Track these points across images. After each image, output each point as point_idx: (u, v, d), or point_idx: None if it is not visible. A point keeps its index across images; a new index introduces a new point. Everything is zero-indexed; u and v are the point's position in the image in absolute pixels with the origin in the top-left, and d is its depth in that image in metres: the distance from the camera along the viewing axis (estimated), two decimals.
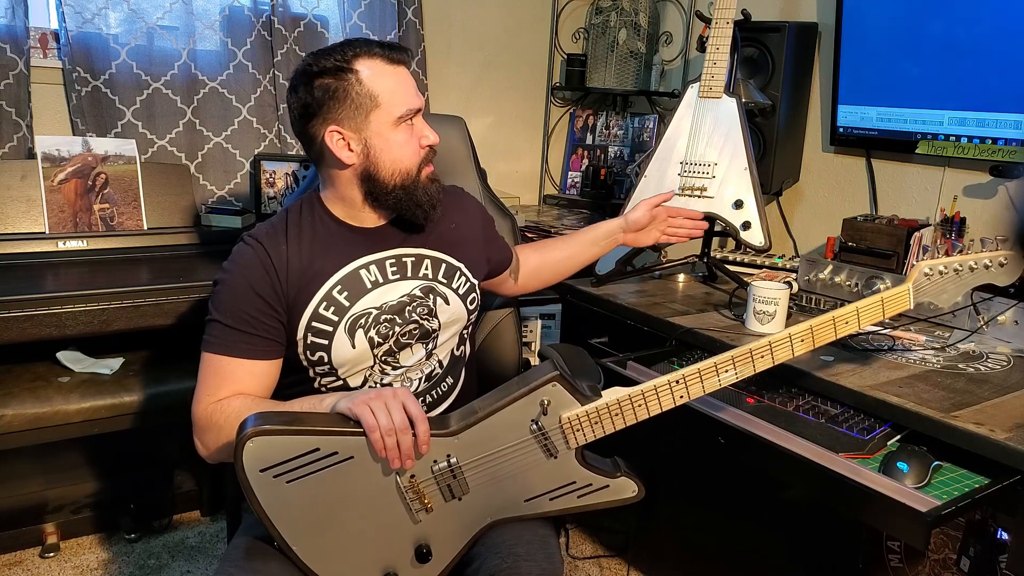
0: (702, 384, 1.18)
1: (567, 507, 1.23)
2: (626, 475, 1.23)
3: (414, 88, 1.28)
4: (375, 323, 1.29)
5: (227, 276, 1.27)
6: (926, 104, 1.98)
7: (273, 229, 1.32)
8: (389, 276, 1.32)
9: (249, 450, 1.09)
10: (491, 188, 1.78)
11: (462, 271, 1.40)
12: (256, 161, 2.42)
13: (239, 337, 1.24)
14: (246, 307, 1.24)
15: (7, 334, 1.69)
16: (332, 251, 1.31)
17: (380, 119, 1.24)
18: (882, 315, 1.26)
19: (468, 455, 1.18)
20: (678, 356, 1.66)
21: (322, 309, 1.27)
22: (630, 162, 2.91)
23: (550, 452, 1.19)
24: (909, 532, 1.11)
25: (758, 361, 1.19)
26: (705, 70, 1.90)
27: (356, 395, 1.14)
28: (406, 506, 1.18)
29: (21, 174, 2.02)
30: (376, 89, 1.23)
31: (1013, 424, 1.21)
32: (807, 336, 1.21)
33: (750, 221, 1.84)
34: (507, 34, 2.93)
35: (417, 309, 1.33)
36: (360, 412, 1.10)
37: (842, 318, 1.23)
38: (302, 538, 1.16)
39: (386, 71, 1.24)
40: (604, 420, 1.18)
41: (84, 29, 2.20)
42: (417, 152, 1.29)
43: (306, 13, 2.50)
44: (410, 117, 1.27)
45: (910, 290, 1.29)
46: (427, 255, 1.36)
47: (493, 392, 1.21)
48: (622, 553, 2.21)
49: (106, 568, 2.07)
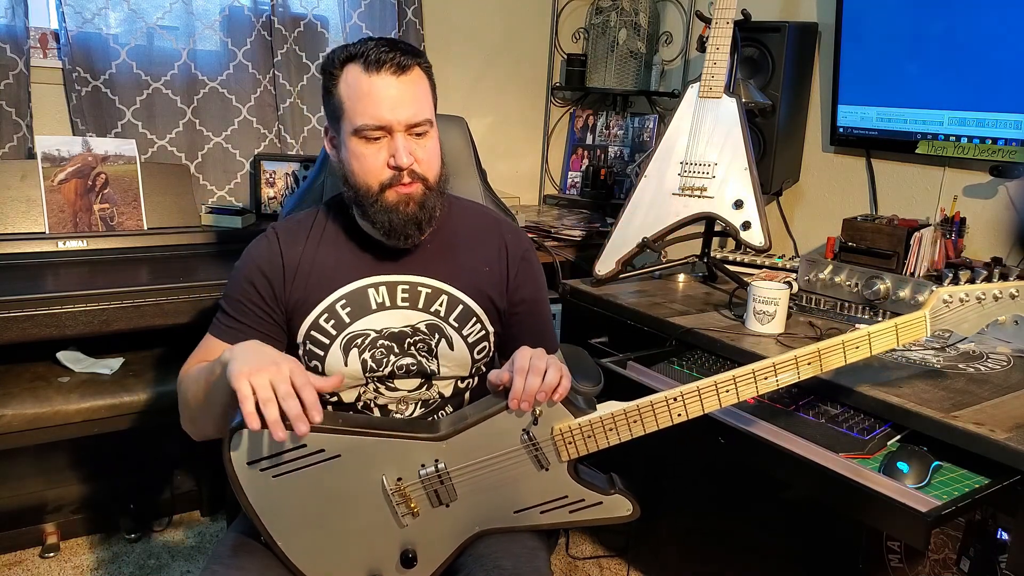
0: (701, 403, 1.14)
1: (559, 521, 1.20)
2: (621, 493, 1.20)
3: (391, 102, 1.16)
4: (371, 346, 1.25)
5: (239, 263, 1.29)
6: (926, 104, 1.98)
7: (298, 225, 1.31)
8: (398, 302, 1.27)
9: (236, 442, 1.09)
10: (492, 188, 1.78)
11: (479, 318, 1.30)
12: (256, 161, 2.42)
13: (230, 323, 1.25)
14: (243, 297, 1.25)
15: (7, 334, 1.68)
16: (346, 262, 1.27)
17: (346, 127, 1.19)
18: (896, 342, 1.22)
19: (456, 461, 1.15)
20: (678, 356, 1.66)
21: (322, 320, 1.25)
22: (630, 162, 2.92)
23: (541, 464, 1.16)
24: (909, 532, 1.11)
25: (761, 383, 1.16)
26: (705, 70, 1.90)
27: (243, 362, 1.02)
28: (392, 509, 1.16)
29: (21, 174, 2.02)
30: (344, 96, 1.18)
31: (1013, 424, 1.21)
32: (814, 360, 1.17)
33: (750, 221, 1.84)
34: (507, 34, 2.93)
35: (417, 344, 1.27)
36: (237, 385, 0.99)
37: (852, 343, 1.19)
38: (288, 534, 1.16)
39: (360, 79, 1.17)
40: (598, 434, 1.14)
41: (84, 29, 2.20)
42: (380, 169, 1.19)
43: (306, 13, 2.50)
44: (371, 131, 1.17)
45: (927, 317, 1.24)
46: (445, 291, 1.28)
47: (486, 398, 1.18)
48: (622, 553, 2.21)
49: (106, 568, 2.07)
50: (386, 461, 1.15)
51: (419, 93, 1.20)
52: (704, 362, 1.62)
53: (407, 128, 1.18)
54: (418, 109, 1.19)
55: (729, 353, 1.59)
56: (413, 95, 1.19)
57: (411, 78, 1.18)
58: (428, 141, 1.22)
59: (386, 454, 1.14)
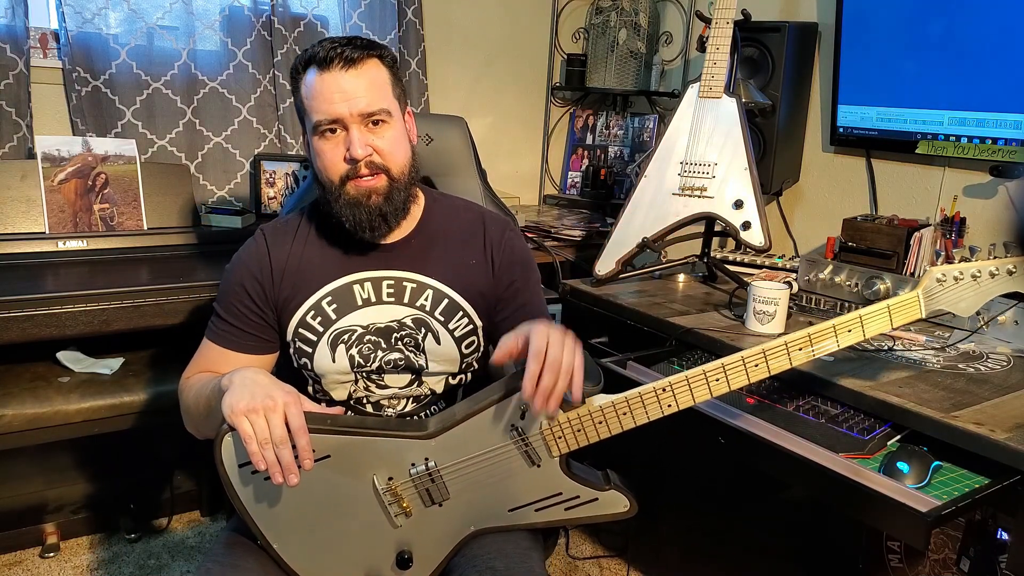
0: (691, 393, 1.12)
1: (555, 519, 1.19)
2: (617, 488, 1.18)
3: (342, 95, 1.18)
4: (358, 342, 1.26)
5: (230, 266, 1.31)
6: (926, 104, 1.98)
7: (286, 226, 1.33)
8: (384, 297, 1.28)
9: (227, 444, 1.09)
10: (492, 188, 1.78)
11: (465, 312, 1.30)
12: (256, 161, 2.42)
13: (225, 327, 1.28)
14: (234, 300, 1.27)
15: (7, 334, 1.68)
16: (332, 260, 1.29)
17: (308, 126, 1.23)
18: (889, 324, 1.17)
19: (446, 459, 1.14)
20: (678, 356, 1.66)
21: (309, 318, 1.27)
22: (630, 162, 2.92)
23: (532, 460, 1.15)
24: (909, 532, 1.11)
25: (752, 371, 1.13)
26: (705, 70, 1.90)
27: (239, 398, 1.03)
28: (385, 509, 1.15)
29: (21, 174, 2.02)
30: (304, 96, 1.21)
31: (1013, 424, 1.21)
32: (804, 344, 1.13)
33: (750, 221, 1.84)
34: (507, 34, 2.93)
35: (404, 339, 1.28)
36: (237, 423, 1.02)
37: (844, 326, 1.15)
38: (282, 536, 1.15)
39: (314, 78, 1.19)
40: (587, 428, 1.12)
41: (84, 29, 2.20)
42: (338, 164, 1.21)
43: (306, 13, 2.50)
44: (327, 126, 1.19)
45: (920, 297, 1.19)
46: (431, 286, 1.29)
47: (476, 395, 1.16)
48: (622, 553, 2.21)
49: (106, 568, 2.07)
50: (376, 461, 1.14)
51: (373, 84, 1.20)
52: (704, 362, 1.61)
53: (362, 119, 1.19)
54: (372, 99, 1.19)
55: (729, 353, 1.59)
56: (366, 86, 1.19)
57: (362, 70, 1.19)
58: (388, 131, 1.22)
59: (376, 453, 1.14)
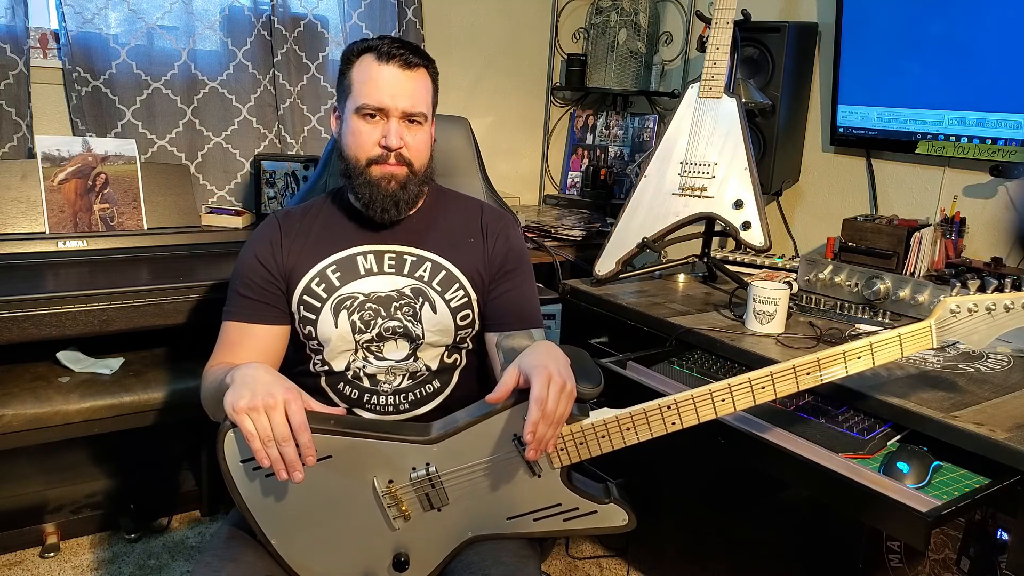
0: (696, 412, 1.13)
1: (553, 529, 1.19)
2: (616, 502, 1.18)
3: (395, 91, 1.29)
4: (359, 308, 1.33)
5: (245, 245, 1.40)
6: (926, 104, 1.98)
7: (299, 208, 1.44)
8: (385, 268, 1.36)
9: (229, 440, 1.10)
10: (494, 187, 1.78)
11: (461, 284, 1.37)
12: (256, 161, 2.42)
13: (242, 302, 1.34)
14: (249, 272, 1.35)
15: (7, 334, 1.68)
16: (338, 233, 1.39)
17: (350, 105, 1.33)
18: (900, 353, 1.19)
19: (447, 465, 1.15)
20: (678, 356, 1.66)
21: (314, 284, 1.34)
22: (630, 162, 2.92)
23: (533, 470, 1.15)
24: (909, 532, 1.10)
25: (758, 392, 1.14)
26: (705, 70, 1.90)
27: (239, 395, 1.05)
28: (383, 511, 1.16)
29: (21, 174, 2.02)
30: (354, 78, 1.32)
31: (1013, 424, 1.21)
32: (813, 369, 1.15)
33: (750, 221, 1.84)
34: (507, 34, 2.93)
35: (403, 308, 1.35)
36: (239, 421, 1.04)
37: (853, 353, 1.17)
38: (281, 533, 1.16)
39: (371, 66, 1.30)
40: (590, 442, 1.13)
41: (84, 29, 2.20)
42: (371, 146, 1.31)
43: (306, 13, 2.50)
44: (372, 112, 1.30)
45: (932, 327, 1.20)
46: (429, 258, 1.38)
47: (479, 403, 1.17)
48: (622, 553, 2.21)
49: (106, 568, 2.07)
50: (377, 463, 1.15)
51: (419, 89, 1.33)
52: (704, 362, 1.62)
53: (403, 116, 1.31)
54: (416, 101, 1.32)
55: (729, 353, 1.59)
56: (413, 89, 1.32)
57: (415, 75, 1.32)
58: (420, 132, 1.34)
59: (377, 456, 1.14)
